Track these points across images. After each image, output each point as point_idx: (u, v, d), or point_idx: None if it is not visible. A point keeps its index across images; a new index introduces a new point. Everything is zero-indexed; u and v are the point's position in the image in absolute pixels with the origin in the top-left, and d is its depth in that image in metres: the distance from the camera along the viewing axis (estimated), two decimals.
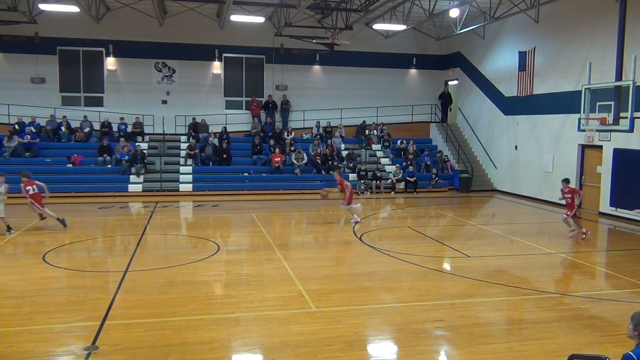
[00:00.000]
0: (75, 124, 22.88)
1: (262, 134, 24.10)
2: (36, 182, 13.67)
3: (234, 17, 21.07)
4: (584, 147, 18.01)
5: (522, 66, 20.60)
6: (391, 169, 23.07)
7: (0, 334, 6.68)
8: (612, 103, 14.48)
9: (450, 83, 26.92)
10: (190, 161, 22.15)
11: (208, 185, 21.03)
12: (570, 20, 18.31)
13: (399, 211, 18.50)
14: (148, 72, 24.21)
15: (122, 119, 23.20)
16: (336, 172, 16.57)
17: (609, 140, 16.41)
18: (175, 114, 24.19)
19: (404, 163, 23.27)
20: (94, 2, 21.22)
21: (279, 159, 22.15)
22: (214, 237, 13.07)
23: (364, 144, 24.80)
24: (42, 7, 19.36)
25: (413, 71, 26.90)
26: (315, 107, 25.44)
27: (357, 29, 24.02)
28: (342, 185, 15.02)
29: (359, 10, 20.12)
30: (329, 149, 23.30)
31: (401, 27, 22.12)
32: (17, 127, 21.76)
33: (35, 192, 13.46)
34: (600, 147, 17.00)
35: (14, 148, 20.87)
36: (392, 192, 21.88)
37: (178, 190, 20.68)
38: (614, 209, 16.32)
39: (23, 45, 22.72)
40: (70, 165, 20.97)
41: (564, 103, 18.36)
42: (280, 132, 24.32)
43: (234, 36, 24.40)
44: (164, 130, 23.47)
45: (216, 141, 22.76)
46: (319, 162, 22.66)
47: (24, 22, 20.22)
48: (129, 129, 23.18)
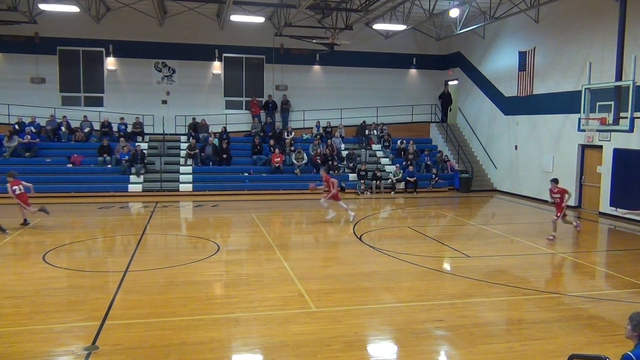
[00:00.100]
0: (75, 124, 22.88)
1: (262, 133, 24.11)
2: (22, 182, 13.74)
3: (234, 17, 21.07)
4: (584, 147, 18.00)
5: (522, 66, 20.60)
6: (391, 169, 23.07)
7: (0, 334, 6.68)
8: (612, 103, 14.48)
9: (450, 83, 26.92)
10: (190, 161, 22.15)
11: (208, 185, 21.03)
12: (570, 20, 18.31)
13: (399, 211, 18.50)
14: (148, 72, 24.21)
15: (122, 119, 23.20)
16: (322, 169, 16.62)
17: (609, 140, 16.41)
18: (175, 114, 24.19)
19: (404, 163, 23.26)
20: (94, 2, 21.22)
21: (279, 159, 22.15)
22: (214, 237, 13.07)
23: (364, 144, 24.80)
24: (42, 7, 19.36)
25: (413, 71, 26.90)
26: (315, 107, 25.44)
27: (357, 29, 24.02)
28: (328, 183, 15.14)
29: (359, 10, 20.12)
30: (329, 149, 23.29)
31: (401, 27, 22.12)
32: (17, 127, 21.76)
33: (22, 192, 13.50)
34: (600, 147, 16.99)
35: (14, 148, 20.88)
36: (392, 192, 21.88)
37: (178, 190, 20.68)
38: (614, 209, 16.30)
39: (23, 45, 22.73)
40: (70, 165, 20.97)
41: (564, 103, 18.36)
42: (280, 132, 24.33)
43: (234, 36, 24.40)
44: (164, 130, 23.47)
45: (216, 141, 22.76)
46: (319, 162, 22.65)
47: (24, 22, 20.23)
48: (129, 129, 23.17)
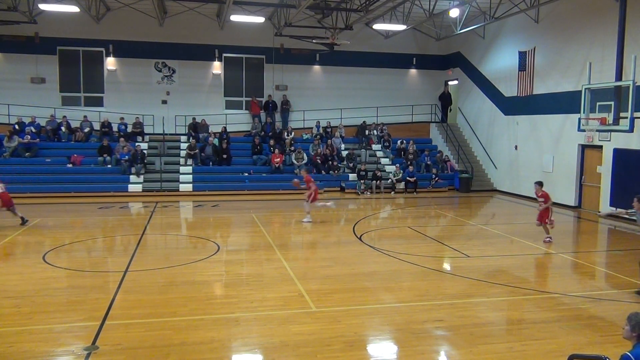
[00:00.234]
0: (75, 124, 22.88)
1: (263, 133, 24.11)
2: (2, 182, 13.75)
3: (234, 17, 21.07)
4: (584, 147, 18.00)
5: (522, 66, 20.59)
6: (391, 169, 23.07)
7: (0, 334, 6.68)
8: (612, 103, 14.48)
9: (450, 83, 26.92)
10: (190, 161, 22.15)
11: (208, 185, 21.02)
12: (570, 20, 18.31)
13: (399, 211, 18.50)
14: (148, 72, 24.21)
15: (122, 119, 23.20)
16: (304, 169, 16.59)
17: (609, 140, 16.40)
18: (175, 114, 24.18)
19: (404, 163, 23.27)
20: (94, 2, 21.21)
21: (278, 159, 22.15)
22: (214, 237, 13.07)
23: (364, 144, 24.80)
24: (42, 7, 19.36)
25: (413, 71, 26.90)
26: (315, 107, 25.44)
27: (357, 29, 24.01)
28: (308, 183, 15.07)
29: (359, 10, 20.12)
30: (329, 149, 23.29)
31: (401, 27, 22.12)
32: (17, 127, 21.76)
33: (4, 191, 13.47)
34: (600, 147, 16.99)
35: (14, 148, 20.88)
36: (392, 192, 21.88)
37: (178, 190, 20.68)
38: (614, 209, 16.25)
39: (23, 45, 22.73)
40: (70, 165, 20.96)
41: (564, 103, 18.36)
42: (280, 132, 24.33)
43: (234, 36, 24.40)
44: (164, 130, 23.47)
45: (216, 141, 22.76)
46: (319, 162, 22.66)
47: (24, 22, 20.22)
48: (129, 129, 23.17)
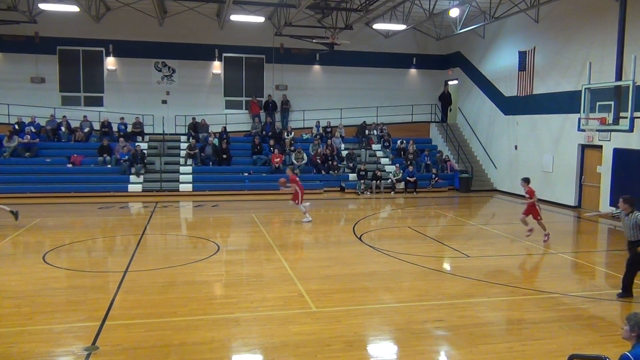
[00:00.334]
0: (75, 124, 22.87)
1: (263, 133, 24.11)
2: None
3: (234, 17, 21.06)
4: (584, 147, 18.00)
5: (522, 66, 20.58)
6: (391, 169, 23.07)
7: (0, 334, 6.68)
8: (612, 103, 14.46)
9: (450, 83, 26.91)
10: (190, 161, 22.15)
11: (208, 185, 21.02)
12: (570, 20, 18.30)
13: (399, 211, 18.50)
14: (148, 72, 24.20)
15: (122, 119, 23.19)
16: (289, 168, 16.57)
17: (609, 140, 16.40)
18: (175, 114, 24.18)
19: (404, 163, 23.27)
20: (94, 1, 21.20)
21: (278, 159, 22.14)
22: (214, 237, 13.07)
23: (364, 144, 24.80)
24: (42, 6, 19.34)
25: (413, 71, 26.90)
26: (315, 107, 25.44)
27: (357, 29, 24.01)
28: (294, 182, 15.04)
29: (359, 10, 20.12)
30: (329, 149, 23.29)
31: (401, 27, 22.12)
32: (17, 127, 21.75)
33: None
34: (600, 147, 16.99)
35: (14, 148, 20.86)
36: (392, 192, 21.87)
37: (178, 190, 20.67)
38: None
39: (23, 45, 22.71)
40: (70, 165, 20.95)
41: (564, 103, 18.36)
42: (280, 132, 24.33)
43: (234, 36, 24.39)
44: (164, 130, 23.46)
45: (216, 141, 22.76)
46: (319, 162, 22.66)
47: (24, 22, 20.23)
48: (129, 129, 23.16)
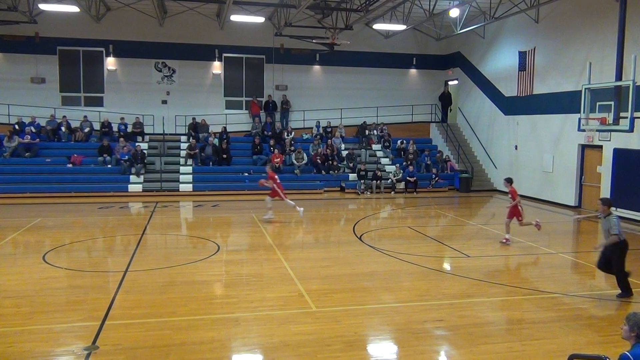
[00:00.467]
0: (75, 124, 22.87)
1: (263, 133, 24.10)
2: None
3: (234, 17, 21.06)
4: (584, 147, 18.00)
5: (522, 66, 20.59)
6: (391, 169, 23.07)
7: (0, 334, 6.68)
8: (612, 103, 14.45)
9: (450, 83, 26.92)
10: (190, 161, 22.15)
11: (208, 185, 21.02)
12: (570, 20, 18.30)
13: (399, 211, 18.50)
14: (148, 72, 24.21)
15: (122, 119, 23.19)
16: (268, 166, 16.57)
17: (609, 140, 16.40)
18: (175, 114, 24.18)
19: (404, 163, 23.27)
20: (94, 2, 21.20)
21: (278, 159, 22.14)
22: (214, 237, 13.06)
23: (364, 144, 24.80)
24: (42, 7, 19.35)
25: (413, 71, 26.90)
26: (315, 107, 25.44)
27: (357, 29, 24.01)
28: (272, 180, 14.92)
29: (359, 10, 20.11)
30: (329, 149, 23.29)
31: (401, 27, 22.12)
32: (17, 127, 21.75)
33: None
34: (600, 147, 16.99)
35: (14, 148, 20.87)
36: (392, 192, 21.87)
37: (178, 190, 20.67)
38: (614, 209, 16.26)
39: (23, 45, 22.72)
40: (70, 165, 20.95)
41: (564, 103, 18.36)
42: (280, 132, 24.33)
43: (234, 36, 24.40)
44: (164, 130, 23.46)
45: (216, 141, 22.76)
46: (319, 162, 22.66)
47: (24, 22, 20.23)
48: (129, 129, 23.16)
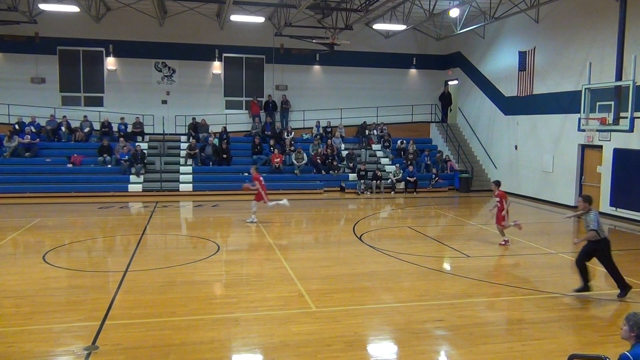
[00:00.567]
0: (75, 124, 22.86)
1: (263, 133, 24.10)
2: None
3: (234, 17, 21.06)
4: (584, 147, 18.00)
5: (522, 66, 20.58)
6: (391, 168, 23.07)
7: (0, 334, 6.68)
8: (612, 103, 14.45)
9: (450, 83, 26.91)
10: (190, 161, 22.14)
11: (208, 185, 21.01)
12: (570, 20, 18.30)
13: (399, 211, 18.49)
14: (148, 72, 24.20)
15: (122, 118, 23.19)
16: (253, 167, 16.53)
17: (609, 140, 16.40)
18: (175, 114, 24.18)
19: (404, 163, 23.27)
20: (94, 2, 21.20)
21: (278, 159, 22.14)
22: (214, 237, 13.06)
23: (364, 144, 24.79)
24: (42, 7, 19.34)
25: (413, 71, 26.90)
26: (315, 107, 25.44)
27: (357, 29, 24.01)
28: (257, 181, 14.80)
29: (359, 10, 20.11)
30: (329, 149, 23.29)
31: (401, 27, 22.12)
32: (17, 127, 21.74)
33: None
34: (600, 147, 16.99)
35: (14, 148, 20.86)
36: (392, 192, 21.87)
37: (178, 190, 20.67)
38: (614, 209, 16.31)
39: (23, 45, 22.72)
40: (70, 165, 20.95)
41: (564, 103, 18.36)
42: (280, 132, 24.33)
43: (234, 36, 24.40)
44: (164, 130, 23.46)
45: (216, 141, 22.76)
46: (319, 162, 22.66)
47: (24, 22, 20.23)
48: (129, 129, 23.16)
